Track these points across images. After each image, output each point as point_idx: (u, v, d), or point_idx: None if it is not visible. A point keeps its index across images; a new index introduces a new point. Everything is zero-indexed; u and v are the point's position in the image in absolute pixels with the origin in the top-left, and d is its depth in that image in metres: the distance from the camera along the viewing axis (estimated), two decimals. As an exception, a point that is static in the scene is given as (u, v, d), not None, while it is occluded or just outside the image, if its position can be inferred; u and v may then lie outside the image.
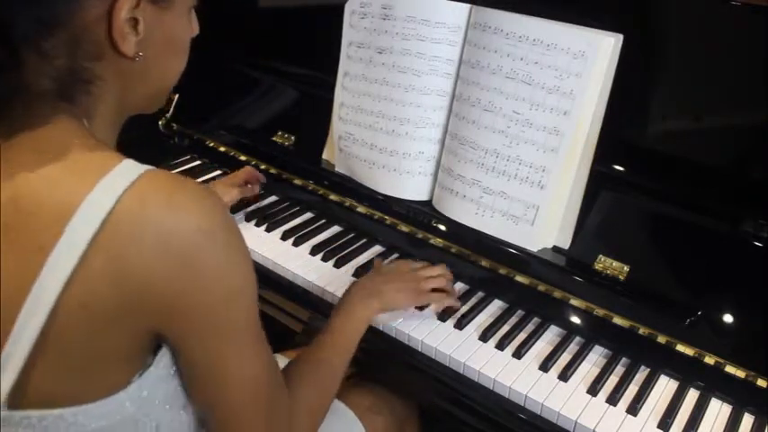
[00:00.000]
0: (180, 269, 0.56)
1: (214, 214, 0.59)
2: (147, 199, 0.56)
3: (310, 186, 1.33)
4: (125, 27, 0.59)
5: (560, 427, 0.91)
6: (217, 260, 0.59)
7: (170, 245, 0.56)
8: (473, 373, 0.98)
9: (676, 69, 1.03)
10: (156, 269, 0.56)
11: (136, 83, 0.64)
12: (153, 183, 0.57)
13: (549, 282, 1.06)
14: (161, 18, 0.63)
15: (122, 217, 0.54)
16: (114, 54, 0.60)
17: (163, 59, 0.66)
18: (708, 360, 0.94)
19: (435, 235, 1.17)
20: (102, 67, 0.61)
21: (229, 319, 0.62)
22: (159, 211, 0.56)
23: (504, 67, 1.06)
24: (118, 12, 0.58)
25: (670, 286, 0.99)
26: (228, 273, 0.60)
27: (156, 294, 0.57)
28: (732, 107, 1.01)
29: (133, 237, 0.55)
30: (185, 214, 0.56)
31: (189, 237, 0.56)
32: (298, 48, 1.43)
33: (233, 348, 0.63)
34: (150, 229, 0.55)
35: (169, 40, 0.65)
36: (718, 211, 0.99)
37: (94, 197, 0.54)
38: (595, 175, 1.04)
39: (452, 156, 1.14)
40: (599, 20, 1.01)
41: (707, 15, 1.00)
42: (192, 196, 0.58)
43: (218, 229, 0.59)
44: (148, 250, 0.55)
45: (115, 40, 0.59)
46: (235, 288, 0.61)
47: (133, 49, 0.61)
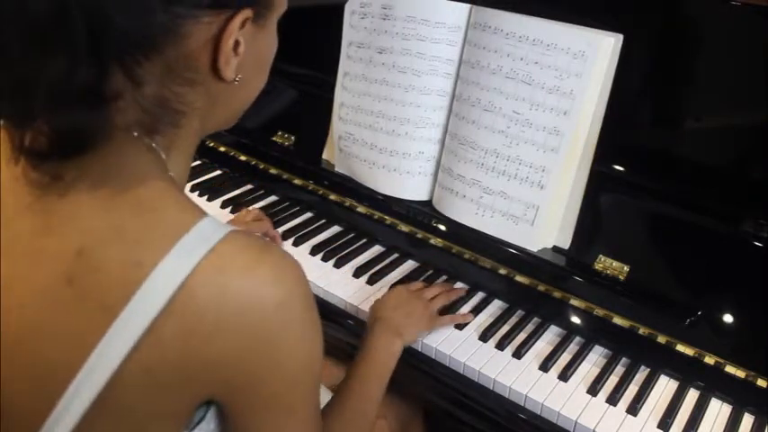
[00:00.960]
0: (254, 344, 0.53)
1: (296, 289, 0.55)
2: (226, 268, 0.51)
3: (310, 186, 1.33)
4: (231, 52, 0.54)
5: (560, 427, 0.91)
6: (293, 338, 0.56)
7: (247, 318, 0.52)
8: (473, 373, 0.98)
9: (676, 69, 1.03)
10: (230, 342, 0.52)
11: (222, 105, 0.60)
12: (234, 249, 0.52)
13: (549, 282, 1.06)
14: (257, 37, 0.58)
15: (199, 285, 0.50)
16: (212, 79, 0.55)
17: (252, 79, 0.61)
18: (708, 360, 0.94)
19: (435, 235, 1.17)
20: (195, 94, 0.55)
21: (294, 396, 0.59)
22: (238, 282, 0.51)
23: (504, 67, 1.06)
24: (228, 37, 0.53)
25: (670, 286, 1.00)
26: (302, 350, 0.57)
27: (223, 367, 0.53)
28: (732, 107, 1.01)
29: (209, 306, 0.51)
30: (267, 290, 0.53)
31: (269, 312, 0.53)
32: (298, 48, 1.43)
33: (291, 422, 0.60)
34: (228, 299, 0.51)
35: (261, 58, 0.61)
36: (718, 211, 0.99)
37: (171, 261, 0.50)
38: (595, 175, 1.04)
39: (452, 156, 1.14)
40: (599, 20, 1.01)
41: (707, 15, 1.00)
42: (275, 267, 0.54)
43: (298, 305, 0.55)
44: (223, 323, 0.51)
45: (220, 65, 0.54)
46: (305, 364, 0.58)
47: (233, 72, 0.56)
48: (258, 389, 0.56)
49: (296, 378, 0.58)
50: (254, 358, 0.54)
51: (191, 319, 0.51)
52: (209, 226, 0.53)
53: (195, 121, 0.58)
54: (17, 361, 0.53)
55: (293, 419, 0.60)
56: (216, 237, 0.52)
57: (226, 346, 0.52)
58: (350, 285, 1.14)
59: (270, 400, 0.58)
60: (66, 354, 0.51)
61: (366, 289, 1.14)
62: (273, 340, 0.54)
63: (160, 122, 0.54)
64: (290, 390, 0.58)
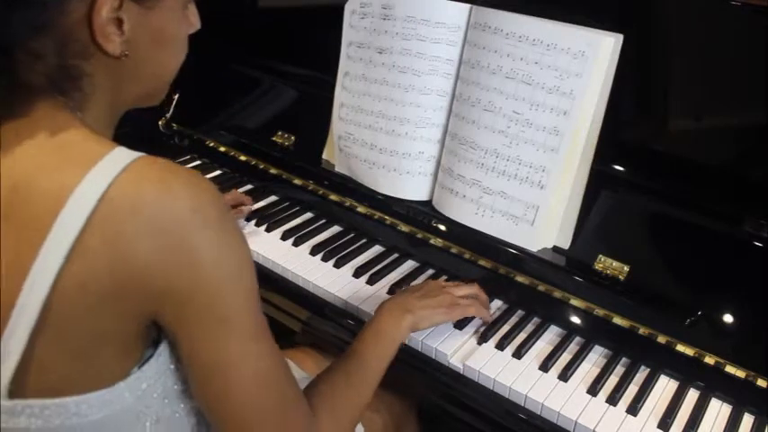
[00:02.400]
0: (173, 250, 0.57)
1: (207, 197, 0.59)
2: (142, 181, 0.57)
3: (310, 186, 1.33)
4: (108, 28, 0.60)
5: (560, 427, 0.91)
6: (210, 242, 0.59)
7: (164, 226, 0.56)
8: (473, 373, 0.98)
9: (676, 69, 1.03)
10: (150, 250, 0.56)
11: (128, 79, 0.65)
12: (147, 166, 0.58)
13: (549, 282, 1.06)
14: (147, 17, 0.63)
15: (117, 198, 0.56)
16: (101, 53, 0.61)
17: (154, 57, 0.66)
18: (708, 360, 0.94)
19: (435, 235, 1.17)
20: (92, 66, 0.62)
21: (226, 306, 0.61)
22: (153, 193, 0.56)
23: (503, 67, 1.06)
24: (97, 14, 0.59)
25: (670, 286, 1.00)
26: (223, 256, 0.60)
27: (150, 276, 0.57)
28: (732, 107, 1.01)
29: (128, 217, 0.56)
30: (179, 196, 0.57)
31: (182, 218, 0.57)
32: (298, 48, 1.43)
33: (233, 338, 0.62)
34: (144, 209, 0.56)
35: (159, 37, 0.65)
36: (718, 211, 0.99)
37: (89, 180, 0.56)
38: (595, 175, 1.04)
39: (452, 156, 1.14)
40: (599, 20, 1.01)
41: (707, 15, 1.00)
42: (186, 179, 0.59)
43: (211, 211, 0.59)
44: (142, 231, 0.56)
45: (98, 40, 0.60)
46: (230, 272, 0.61)
47: (119, 48, 0.61)
48: (185, 300, 0.59)
49: (223, 288, 0.60)
50: (176, 265, 0.57)
51: (112, 231, 0.56)
52: (123, 152, 0.59)
53: (101, 89, 0.64)
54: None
55: (230, 332, 0.61)
56: (129, 158, 0.58)
57: (148, 252, 0.56)
58: (350, 285, 1.14)
59: (202, 311, 0.60)
60: (7, 281, 0.56)
61: (366, 289, 1.14)
62: (189, 246, 0.57)
63: (65, 87, 0.61)
64: (219, 299, 0.60)
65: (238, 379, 0.63)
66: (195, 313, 0.60)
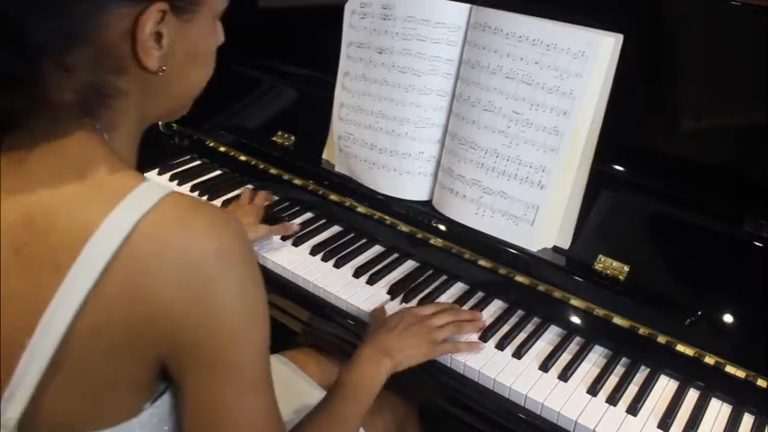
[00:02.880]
0: (193, 296, 0.55)
1: (233, 242, 0.57)
2: (166, 223, 0.55)
3: (310, 186, 1.33)
4: (149, 42, 0.57)
5: (560, 427, 0.91)
6: (231, 288, 0.57)
7: (186, 270, 0.54)
8: (473, 373, 0.98)
9: (676, 69, 1.03)
10: (170, 294, 0.54)
11: (158, 95, 0.63)
12: (173, 207, 0.56)
13: (549, 282, 1.06)
14: (185, 31, 0.61)
15: (140, 240, 0.53)
16: (138, 68, 0.58)
17: (186, 71, 0.64)
18: (708, 360, 0.94)
19: (435, 235, 1.17)
20: (125, 82, 0.59)
21: (235, 353, 0.59)
22: (178, 236, 0.54)
23: (503, 67, 1.06)
24: (142, 27, 0.56)
25: (670, 286, 1.00)
26: (242, 303, 0.58)
27: (167, 320, 0.55)
28: (732, 107, 1.01)
29: (150, 261, 0.53)
30: (204, 240, 0.55)
31: (206, 264, 0.55)
32: (298, 48, 1.43)
33: (234, 387, 0.60)
34: (168, 253, 0.54)
35: (193, 51, 0.63)
36: (718, 211, 0.99)
37: (114, 219, 0.53)
38: (595, 175, 1.04)
39: (452, 156, 1.14)
40: (599, 20, 1.01)
41: (707, 15, 1.00)
42: (212, 221, 0.56)
43: (235, 256, 0.57)
44: (164, 275, 0.54)
45: (139, 55, 0.57)
46: (246, 320, 0.59)
47: (156, 63, 0.59)
48: (202, 344, 0.57)
49: (238, 335, 0.59)
50: (194, 312, 0.56)
51: (133, 274, 0.53)
52: (150, 187, 0.56)
53: (132, 107, 0.61)
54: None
55: (236, 383, 0.60)
56: (156, 196, 0.55)
57: (168, 297, 0.54)
58: (350, 285, 1.14)
59: (214, 358, 0.58)
60: (18, 320, 0.54)
61: (366, 289, 1.14)
62: (212, 290, 0.56)
63: (94, 105, 0.58)
64: (233, 347, 0.59)
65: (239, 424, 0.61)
66: (205, 359, 0.58)
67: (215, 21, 0.66)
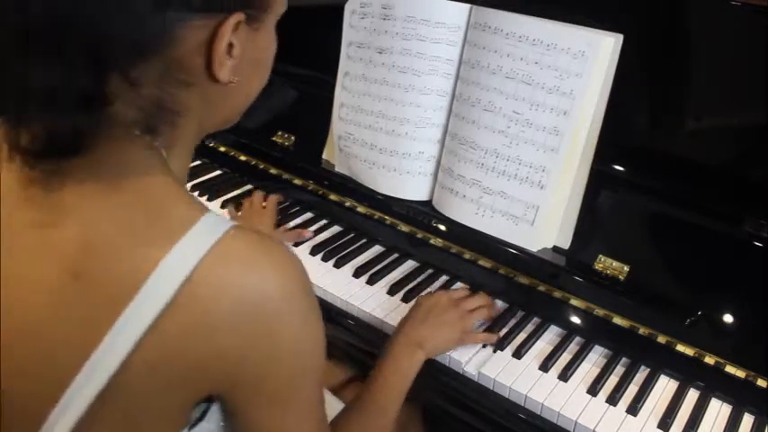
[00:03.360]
0: (257, 338, 0.54)
1: (298, 282, 0.56)
2: (230, 261, 0.52)
3: (310, 186, 1.33)
4: (224, 54, 0.55)
5: (560, 427, 0.91)
6: (295, 331, 0.56)
7: (249, 311, 0.53)
8: (473, 373, 0.98)
9: (676, 69, 1.03)
10: (232, 336, 0.53)
11: (220, 106, 0.61)
12: (236, 243, 0.53)
13: (549, 282, 1.06)
14: (252, 39, 0.59)
15: (203, 279, 0.51)
16: (207, 80, 0.56)
17: (249, 80, 0.62)
18: (708, 360, 0.94)
19: (435, 235, 1.17)
20: (190, 94, 0.56)
21: (297, 391, 0.59)
22: (241, 275, 0.52)
23: (503, 67, 1.06)
24: (220, 39, 0.54)
25: (670, 286, 1.00)
26: (304, 345, 0.58)
27: (226, 362, 0.54)
28: (732, 107, 1.01)
29: (212, 300, 0.51)
30: (269, 284, 0.54)
31: (270, 304, 0.54)
32: (298, 48, 1.43)
33: (295, 419, 0.60)
34: (231, 293, 0.52)
35: (257, 60, 0.62)
36: (718, 211, 0.99)
37: (176, 255, 0.51)
38: (595, 175, 1.04)
39: (452, 156, 1.14)
40: (599, 20, 1.01)
41: (707, 15, 1.00)
42: (276, 260, 0.55)
43: (300, 299, 0.56)
44: (226, 317, 0.52)
45: (214, 68, 0.55)
46: (307, 361, 0.59)
47: (228, 75, 0.56)
48: (261, 384, 0.57)
49: (298, 373, 0.58)
50: (257, 353, 0.54)
51: (194, 314, 0.51)
52: (213, 221, 0.54)
53: (193, 121, 0.59)
54: (19, 358, 0.53)
55: (296, 414, 0.60)
56: (219, 231, 0.53)
57: (229, 341, 0.53)
58: (350, 285, 1.14)
59: (273, 395, 0.58)
60: (71, 349, 0.52)
61: (366, 289, 1.14)
62: (275, 334, 0.55)
63: (158, 122, 0.54)
64: (292, 384, 0.58)
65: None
66: (262, 395, 0.58)
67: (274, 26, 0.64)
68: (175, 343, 0.52)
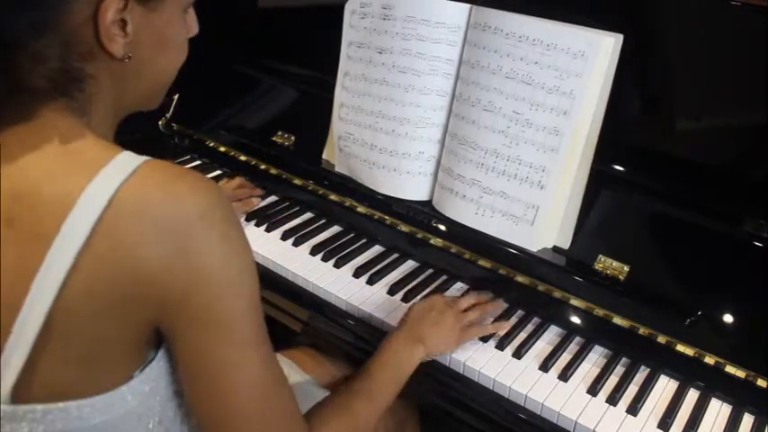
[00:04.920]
0: (177, 256, 0.57)
1: (213, 200, 0.59)
2: (147, 185, 0.57)
3: (310, 186, 1.33)
4: (112, 29, 0.59)
5: (560, 427, 0.91)
6: (214, 246, 0.59)
7: (169, 231, 0.56)
8: (473, 373, 0.98)
9: (676, 69, 1.03)
10: (155, 256, 0.56)
11: (129, 82, 0.65)
12: (153, 171, 0.58)
13: (549, 282, 1.06)
14: (150, 19, 0.63)
15: (123, 204, 0.55)
16: (105, 55, 0.61)
17: (155, 59, 0.66)
18: (708, 360, 0.94)
19: (435, 235, 1.17)
20: (94, 67, 0.61)
21: (226, 311, 0.60)
22: (159, 198, 0.56)
23: (503, 67, 1.06)
24: (103, 14, 0.58)
25: (670, 286, 0.99)
26: (226, 261, 0.60)
27: (154, 279, 0.57)
28: (732, 107, 1.01)
29: (133, 221, 0.55)
30: (185, 199, 0.57)
31: (187, 221, 0.57)
32: (298, 48, 1.43)
33: (230, 344, 0.61)
34: (150, 214, 0.56)
35: (160, 40, 0.65)
36: (718, 211, 0.99)
37: (96, 186, 0.55)
38: (595, 175, 1.04)
39: (452, 156, 1.14)
40: (599, 20, 1.01)
41: (707, 15, 1.00)
42: (192, 184, 0.58)
43: (216, 215, 0.59)
44: (148, 235, 0.56)
45: (102, 41, 0.60)
46: (232, 277, 0.60)
47: (122, 50, 0.61)
48: (188, 302, 0.59)
49: (225, 291, 0.60)
50: (180, 268, 0.57)
51: (117, 237, 0.55)
52: (129, 156, 0.59)
53: (104, 92, 0.63)
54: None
55: (227, 337, 0.61)
56: (135, 163, 0.57)
57: (153, 256, 0.56)
58: (350, 285, 1.14)
59: (201, 314, 0.60)
60: (11, 290, 0.56)
61: (366, 289, 1.14)
62: (193, 252, 0.57)
63: (67, 88, 0.60)
64: (219, 303, 0.60)
65: (231, 385, 0.62)
66: (194, 316, 0.60)
67: (185, 11, 0.68)
68: (103, 267, 0.55)
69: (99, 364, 0.60)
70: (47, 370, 0.57)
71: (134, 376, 0.62)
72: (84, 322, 0.57)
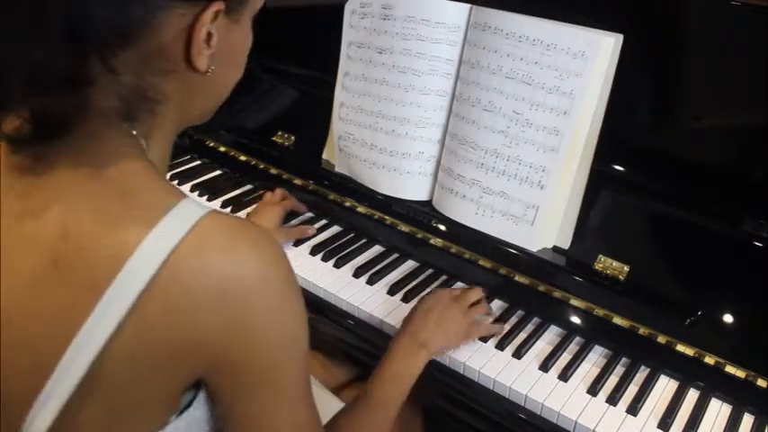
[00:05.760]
0: (236, 318, 0.54)
1: (276, 264, 0.57)
2: (208, 244, 0.53)
3: (310, 186, 1.33)
4: (203, 43, 0.56)
5: (560, 427, 0.91)
6: (274, 312, 0.57)
7: (228, 293, 0.53)
8: (473, 373, 0.98)
9: (676, 69, 1.03)
10: (212, 317, 0.53)
11: (198, 97, 0.62)
12: (214, 227, 0.54)
13: (549, 282, 1.06)
14: (231, 31, 0.60)
15: (181, 262, 0.52)
16: (185, 69, 0.57)
17: (226, 72, 0.64)
18: (708, 360, 0.94)
19: (435, 235, 1.17)
20: (170, 83, 0.57)
21: (283, 374, 0.60)
22: (219, 258, 0.53)
23: (503, 67, 1.06)
24: (200, 27, 0.55)
25: (670, 286, 1.00)
26: (286, 327, 0.58)
27: (208, 344, 0.54)
28: (732, 107, 1.01)
29: (191, 282, 0.52)
30: (247, 266, 0.54)
31: (248, 286, 0.54)
32: (298, 48, 1.43)
33: (284, 403, 0.60)
34: (209, 278, 0.52)
35: (234, 52, 0.63)
36: (718, 211, 0.99)
37: (153, 240, 0.52)
38: (595, 175, 1.04)
39: (452, 156, 1.14)
40: (599, 20, 1.01)
41: (707, 15, 1.00)
42: (254, 243, 0.55)
43: (278, 279, 0.57)
44: (205, 300, 0.53)
45: (192, 56, 0.56)
46: (290, 343, 0.59)
47: (206, 63, 0.58)
48: (244, 367, 0.57)
49: (281, 356, 0.59)
50: (238, 335, 0.55)
51: (174, 297, 0.52)
52: (190, 206, 0.55)
53: (172, 111, 0.60)
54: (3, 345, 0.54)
55: (281, 399, 0.60)
56: (196, 215, 0.53)
57: (209, 323, 0.53)
58: (350, 286, 1.14)
59: (256, 379, 0.58)
60: (52, 335, 0.52)
61: (366, 289, 1.14)
62: (256, 316, 0.55)
63: (137, 110, 0.56)
64: (276, 368, 0.59)
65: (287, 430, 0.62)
66: (248, 379, 0.58)
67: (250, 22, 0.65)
68: (154, 327, 0.52)
69: (137, 415, 0.57)
70: (83, 417, 0.54)
71: (170, 422, 0.59)
72: (126, 377, 0.54)
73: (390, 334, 1.05)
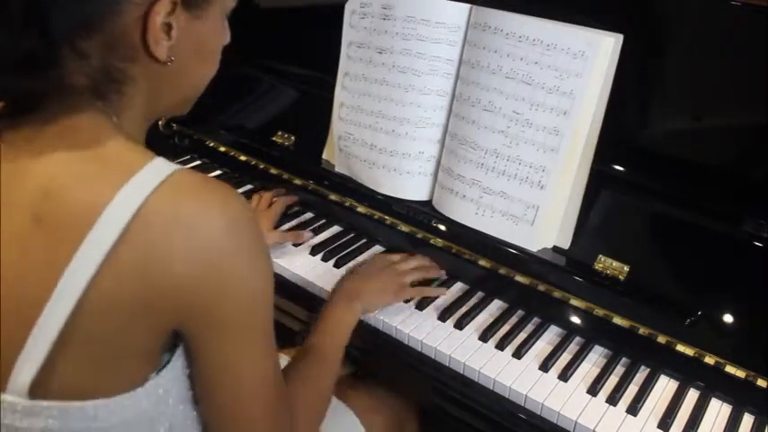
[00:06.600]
0: (205, 268, 0.58)
1: (242, 216, 0.60)
2: (178, 196, 0.57)
3: (310, 186, 1.33)
4: (159, 32, 0.60)
5: (560, 427, 0.91)
6: (241, 263, 0.60)
7: (198, 244, 0.57)
8: (473, 373, 0.98)
9: (676, 69, 1.03)
10: (182, 267, 0.57)
11: (166, 86, 0.66)
12: (184, 181, 0.58)
13: (549, 282, 1.06)
14: (193, 25, 0.64)
15: (153, 213, 0.55)
16: (147, 57, 0.61)
17: (193, 65, 0.67)
18: (708, 360, 0.94)
19: (435, 235, 1.17)
20: (135, 69, 0.62)
21: (249, 323, 0.64)
22: (189, 210, 0.57)
23: (503, 67, 1.06)
24: (154, 17, 0.59)
25: (670, 286, 1.00)
26: (252, 276, 0.62)
27: (180, 292, 0.58)
28: (732, 107, 1.01)
29: (162, 233, 0.56)
30: (215, 215, 0.58)
31: (217, 237, 0.58)
32: (298, 48, 1.43)
33: (249, 350, 0.65)
34: (179, 226, 0.56)
35: (200, 47, 0.66)
36: (718, 211, 0.99)
37: (126, 192, 0.55)
38: (595, 175, 1.04)
39: (452, 156, 1.14)
40: (599, 20, 1.01)
41: (707, 15, 1.00)
42: (223, 195, 0.59)
43: (246, 229, 0.60)
44: (176, 247, 0.56)
45: (149, 43, 0.60)
46: (257, 292, 0.63)
47: (165, 53, 0.62)
48: (211, 317, 0.61)
49: (249, 304, 0.63)
50: (207, 281, 0.58)
51: (145, 245, 0.56)
52: (161, 164, 0.59)
53: (140, 95, 0.64)
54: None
55: (250, 350, 0.65)
56: (169, 170, 0.58)
57: (179, 273, 0.57)
58: (350, 285, 1.14)
59: (228, 323, 0.62)
60: (34, 288, 0.56)
61: (366, 289, 1.13)
62: (221, 265, 0.59)
63: (106, 90, 0.61)
64: (245, 315, 0.63)
65: (246, 385, 0.65)
66: (217, 328, 0.62)
67: (223, 19, 0.69)
68: (129, 274, 0.56)
69: (117, 367, 0.60)
70: (65, 369, 0.57)
71: (150, 378, 0.62)
72: (105, 326, 0.57)
73: (389, 333, 1.05)
